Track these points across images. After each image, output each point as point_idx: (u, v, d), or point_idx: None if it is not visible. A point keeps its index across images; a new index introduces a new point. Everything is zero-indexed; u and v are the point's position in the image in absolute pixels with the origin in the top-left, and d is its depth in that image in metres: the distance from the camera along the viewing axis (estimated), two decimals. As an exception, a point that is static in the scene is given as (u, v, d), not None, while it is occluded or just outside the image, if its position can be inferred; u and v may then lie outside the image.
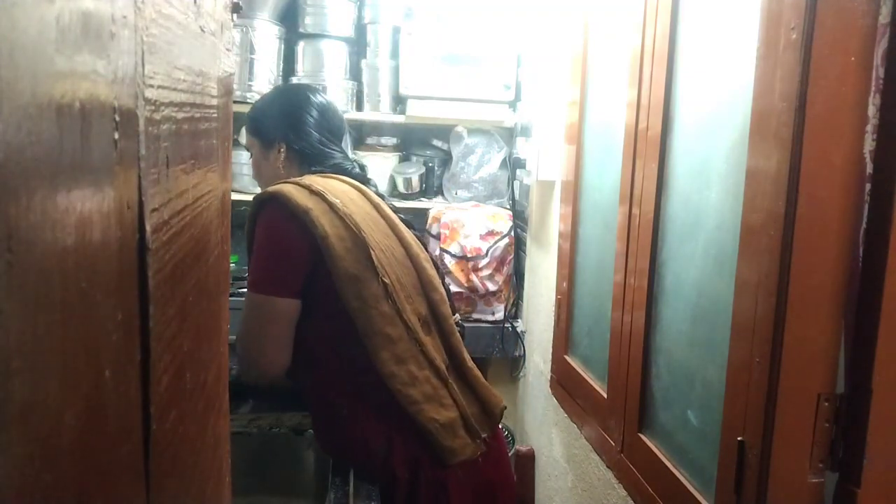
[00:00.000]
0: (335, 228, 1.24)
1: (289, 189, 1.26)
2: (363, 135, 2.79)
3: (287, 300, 1.26)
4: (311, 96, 1.48)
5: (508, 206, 2.55)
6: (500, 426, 1.44)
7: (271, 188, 1.29)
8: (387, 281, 1.26)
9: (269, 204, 1.27)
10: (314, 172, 1.42)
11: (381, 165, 2.72)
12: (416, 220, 1.74)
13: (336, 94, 2.57)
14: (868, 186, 0.87)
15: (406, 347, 1.27)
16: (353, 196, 1.34)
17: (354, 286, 1.24)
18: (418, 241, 1.42)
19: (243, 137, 2.58)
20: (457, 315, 1.46)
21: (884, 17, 0.84)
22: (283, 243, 1.27)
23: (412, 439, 1.27)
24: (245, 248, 1.35)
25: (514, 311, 2.49)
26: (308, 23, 2.56)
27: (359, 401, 1.29)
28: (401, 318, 1.27)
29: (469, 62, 2.50)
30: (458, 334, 1.39)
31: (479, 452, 1.32)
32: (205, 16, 0.55)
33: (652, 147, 1.35)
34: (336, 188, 1.32)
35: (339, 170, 1.44)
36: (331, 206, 1.26)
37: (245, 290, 1.31)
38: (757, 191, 0.97)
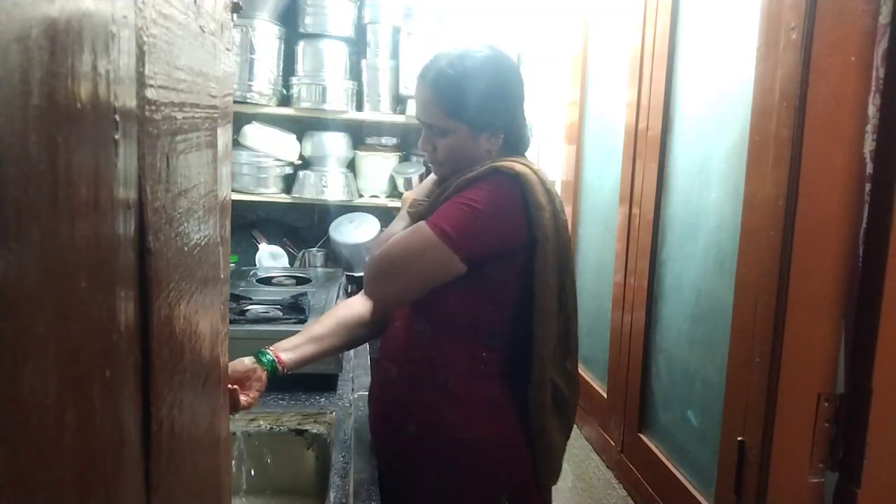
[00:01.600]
0: (554, 236, 1.20)
1: (533, 178, 1.20)
2: (363, 135, 2.79)
3: (459, 262, 1.16)
4: (521, 73, 1.33)
5: (508, 206, 2.54)
6: None
7: (517, 167, 1.20)
8: (563, 301, 1.23)
9: (512, 179, 1.19)
10: (509, 155, 1.30)
11: (381, 165, 2.72)
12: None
13: (336, 94, 2.57)
14: (868, 186, 0.87)
15: (550, 369, 1.25)
16: (560, 209, 1.28)
17: (547, 297, 1.21)
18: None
19: (244, 137, 2.59)
20: None
21: (884, 17, 0.84)
22: (504, 219, 1.19)
23: (524, 448, 1.26)
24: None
25: (514, 311, 2.49)
26: (308, 23, 2.56)
27: (502, 398, 1.27)
28: (549, 340, 1.24)
29: (469, 62, 2.50)
30: (578, 371, 1.36)
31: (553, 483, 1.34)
32: (205, 16, 0.55)
33: (652, 147, 1.35)
34: (554, 195, 1.26)
35: (524, 151, 1.35)
36: (555, 213, 1.22)
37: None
38: (757, 191, 0.97)
